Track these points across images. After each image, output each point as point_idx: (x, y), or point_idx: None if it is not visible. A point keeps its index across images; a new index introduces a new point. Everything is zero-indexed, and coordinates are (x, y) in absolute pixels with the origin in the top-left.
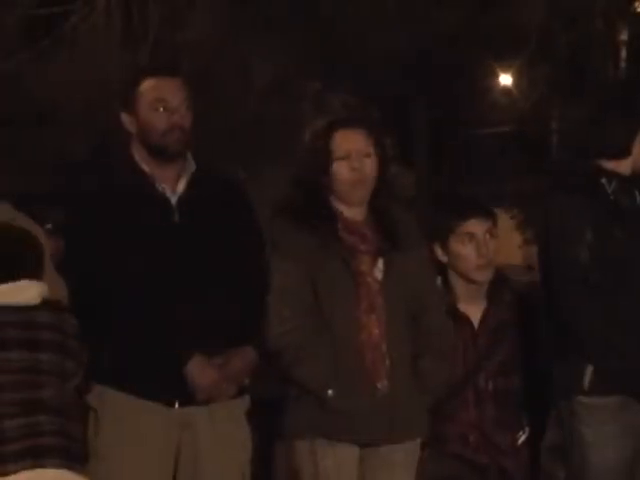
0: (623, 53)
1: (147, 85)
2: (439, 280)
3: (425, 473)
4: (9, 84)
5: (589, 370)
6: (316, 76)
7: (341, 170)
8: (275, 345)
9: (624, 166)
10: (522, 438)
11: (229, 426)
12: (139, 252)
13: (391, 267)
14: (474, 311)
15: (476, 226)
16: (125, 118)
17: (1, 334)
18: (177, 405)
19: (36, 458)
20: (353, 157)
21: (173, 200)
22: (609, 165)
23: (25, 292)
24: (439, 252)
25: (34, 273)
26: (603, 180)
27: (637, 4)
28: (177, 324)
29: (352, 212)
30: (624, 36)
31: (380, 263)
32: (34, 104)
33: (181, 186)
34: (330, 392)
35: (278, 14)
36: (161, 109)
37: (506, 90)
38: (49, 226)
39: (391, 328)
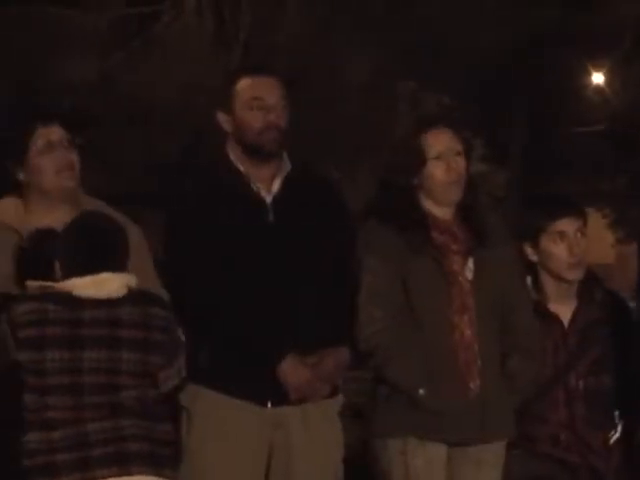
0: None
1: (244, 84)
2: (529, 280)
3: (512, 473)
4: (101, 85)
5: None
6: (411, 76)
7: (436, 170)
8: (366, 345)
9: None
10: (614, 437)
11: (322, 426)
12: (234, 252)
13: (481, 266)
14: (564, 310)
15: (568, 225)
16: (221, 117)
17: (80, 332)
18: (270, 405)
19: (122, 464)
20: (447, 157)
21: (268, 200)
22: None
23: (106, 285)
24: (530, 251)
25: (117, 265)
26: None
27: None
28: (271, 324)
29: (442, 211)
30: None
31: (470, 262)
32: (125, 104)
33: (276, 186)
34: (421, 391)
35: (372, 13)
36: (257, 108)
37: (599, 89)
38: None
39: (482, 328)
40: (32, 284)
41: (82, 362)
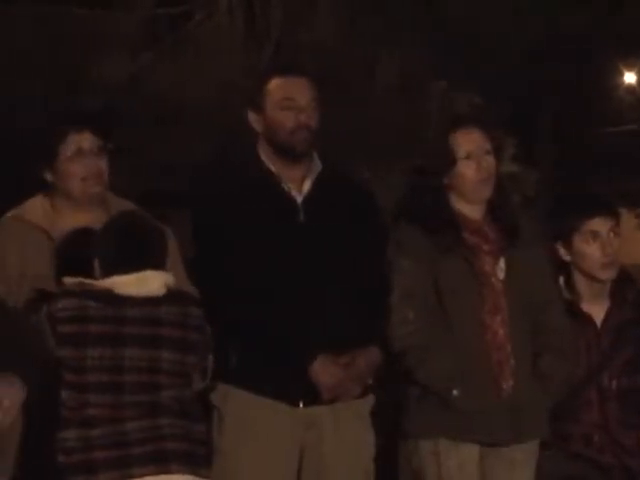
0: None
1: (275, 84)
2: (561, 279)
3: (544, 473)
4: (131, 85)
5: None
6: (442, 75)
7: (466, 170)
8: (399, 346)
9: None
10: None
11: (353, 426)
12: (265, 252)
13: (512, 266)
14: (597, 310)
15: (600, 224)
16: (252, 117)
17: (122, 330)
18: (301, 405)
19: (160, 463)
20: (477, 156)
21: (298, 200)
22: None
23: (149, 283)
24: (562, 251)
25: (158, 263)
26: None
27: None
28: (302, 324)
29: (472, 211)
30: None
31: (502, 262)
32: (155, 104)
33: (307, 186)
34: (455, 392)
35: (402, 13)
36: (289, 108)
37: (630, 88)
38: None
39: (514, 328)
40: (69, 280)
41: (123, 360)
